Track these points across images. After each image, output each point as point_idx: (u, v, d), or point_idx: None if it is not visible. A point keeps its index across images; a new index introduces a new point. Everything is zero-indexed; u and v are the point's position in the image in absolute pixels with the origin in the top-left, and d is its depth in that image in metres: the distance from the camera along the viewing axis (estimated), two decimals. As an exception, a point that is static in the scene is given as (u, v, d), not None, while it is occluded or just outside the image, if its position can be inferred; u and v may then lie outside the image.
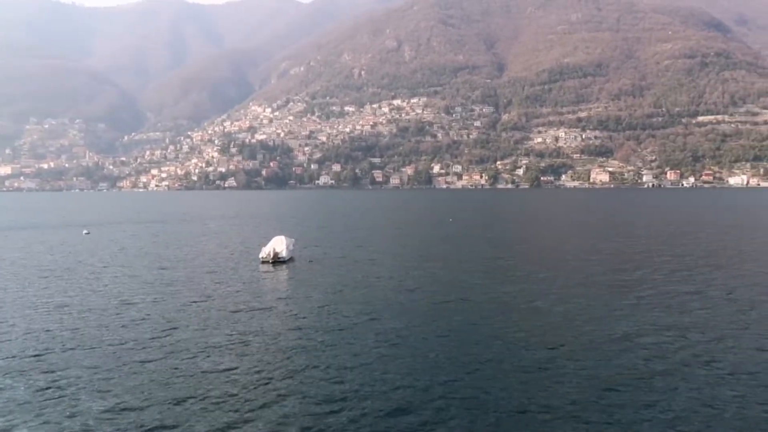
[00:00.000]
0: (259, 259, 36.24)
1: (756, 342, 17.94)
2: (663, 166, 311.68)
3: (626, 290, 26.02)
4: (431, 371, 15.47)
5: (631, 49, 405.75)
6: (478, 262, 35.13)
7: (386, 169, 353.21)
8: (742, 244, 45.51)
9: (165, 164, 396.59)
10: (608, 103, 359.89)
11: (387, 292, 25.72)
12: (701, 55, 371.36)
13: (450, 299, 24.15)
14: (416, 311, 22.09)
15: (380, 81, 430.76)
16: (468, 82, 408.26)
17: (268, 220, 78.05)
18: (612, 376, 15.08)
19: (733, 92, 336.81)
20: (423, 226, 67.32)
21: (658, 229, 59.75)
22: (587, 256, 38.25)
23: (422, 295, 25.06)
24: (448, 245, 45.23)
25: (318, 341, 18.24)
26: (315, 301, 24.12)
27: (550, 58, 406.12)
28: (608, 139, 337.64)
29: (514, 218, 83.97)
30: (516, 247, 45.02)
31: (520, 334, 18.93)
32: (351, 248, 42.93)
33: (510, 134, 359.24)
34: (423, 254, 39.37)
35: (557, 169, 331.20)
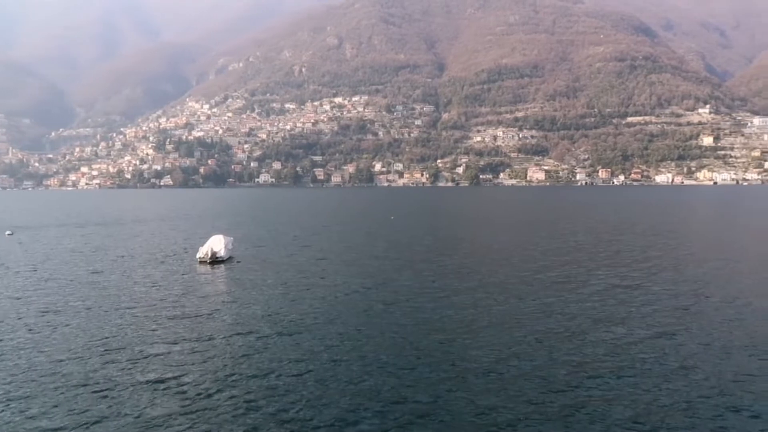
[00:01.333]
0: (197, 259, 35.05)
1: (701, 335, 18.50)
2: (595, 164, 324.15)
3: (568, 286, 26.53)
4: (379, 376, 15.18)
5: (565, 51, 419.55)
6: (421, 260, 35.15)
7: (328, 167, 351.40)
8: (675, 239, 47.60)
9: (96, 162, 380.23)
10: (544, 104, 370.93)
11: (330, 293, 25.27)
12: (630, 59, 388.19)
13: (394, 300, 23.95)
14: (361, 313, 21.75)
15: (321, 78, 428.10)
16: (409, 81, 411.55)
17: (207, 219, 75.86)
18: (562, 374, 15.19)
19: (660, 94, 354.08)
20: (365, 224, 67.07)
21: (595, 226, 61.76)
22: (527, 252, 38.97)
23: (366, 296, 24.76)
24: (390, 243, 45.14)
25: (259, 347, 17.62)
26: (255, 303, 23.38)
27: (488, 58, 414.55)
28: (544, 139, 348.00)
29: (455, 215, 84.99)
30: (458, 244, 45.43)
31: (467, 334, 18.91)
32: (292, 247, 42.16)
33: (450, 133, 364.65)
34: (366, 253, 39.10)
35: (496, 167, 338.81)
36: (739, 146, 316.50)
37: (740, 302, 23.14)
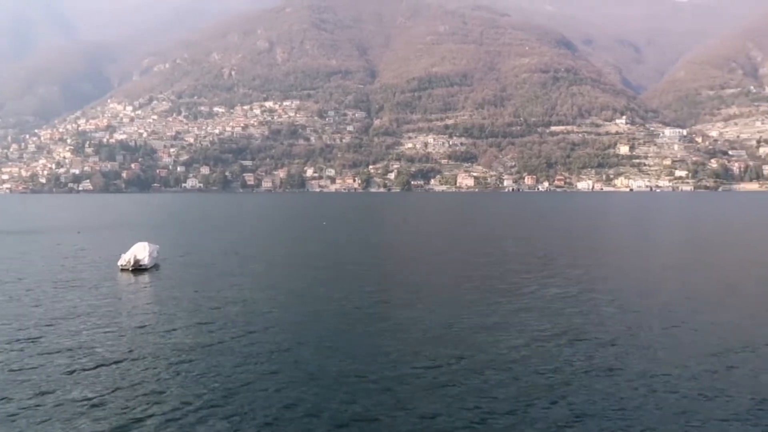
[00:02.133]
0: (118, 266, 33.13)
1: (646, 341, 18.91)
2: (521, 171, 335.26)
3: (504, 294, 26.82)
4: (314, 390, 14.60)
5: (493, 61, 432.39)
6: (353, 267, 34.74)
7: (258, 172, 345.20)
8: (603, 243, 49.49)
9: (6, 165, 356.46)
10: (473, 112, 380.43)
11: (260, 302, 24.38)
12: (553, 71, 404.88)
13: (326, 308, 23.38)
14: (292, 322, 21.05)
15: (251, 82, 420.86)
16: (341, 87, 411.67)
17: (130, 225, 72.34)
18: (507, 388, 15.11)
19: (580, 105, 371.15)
20: (297, 230, 66.04)
21: (527, 231, 63.41)
22: (460, 258, 39.35)
23: (298, 304, 24.07)
24: (322, 249, 44.50)
25: (185, 360, 16.62)
26: (181, 313, 22.15)
27: (419, 66, 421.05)
28: (473, 146, 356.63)
29: (386, 221, 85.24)
30: (389, 250, 45.36)
31: (401, 345, 18.61)
32: (221, 254, 40.73)
33: (382, 139, 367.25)
34: (297, 259, 38.30)
35: (427, 173, 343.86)
36: (652, 155, 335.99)
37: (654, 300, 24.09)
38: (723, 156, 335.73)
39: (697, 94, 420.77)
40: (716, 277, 31.56)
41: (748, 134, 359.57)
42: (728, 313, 22.19)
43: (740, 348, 17.65)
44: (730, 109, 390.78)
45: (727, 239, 55.17)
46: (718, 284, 28.92)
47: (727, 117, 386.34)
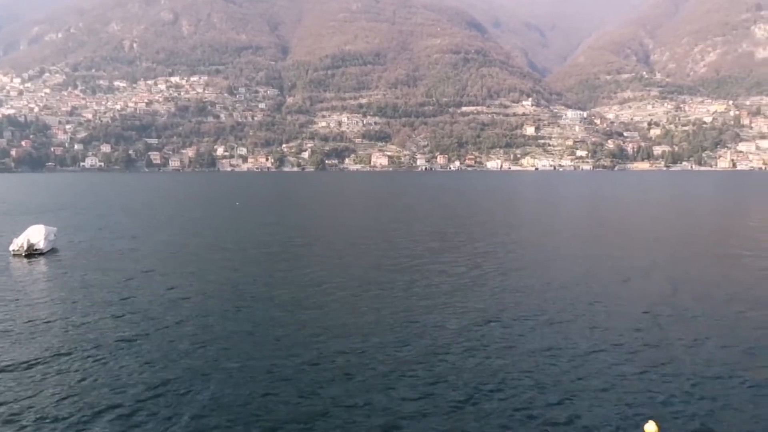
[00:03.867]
0: (9, 252, 30.56)
1: (588, 322, 19.62)
2: (434, 151, 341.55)
3: (428, 275, 27.09)
4: (236, 382, 14.10)
5: (405, 41, 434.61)
6: (268, 249, 33.98)
7: (165, 151, 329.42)
8: (517, 220, 51.24)
9: None
10: (386, 91, 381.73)
11: (167, 289, 23.28)
12: (464, 52, 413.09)
13: (239, 295, 22.70)
14: (203, 312, 20.22)
15: (155, 56, 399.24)
16: (252, 63, 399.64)
17: (22, 207, 66.88)
18: (442, 374, 15.22)
19: (490, 87, 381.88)
20: (208, 212, 63.74)
21: (449, 210, 64.58)
22: (379, 239, 39.46)
23: (208, 292, 23.19)
24: (235, 231, 43.24)
25: (89, 357, 15.55)
26: (81, 304, 20.65)
27: (332, 44, 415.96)
28: (386, 125, 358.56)
29: (302, 201, 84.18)
30: (308, 230, 44.79)
31: (322, 333, 18.38)
32: (125, 237, 38.52)
33: (295, 117, 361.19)
34: (208, 242, 36.93)
35: (341, 152, 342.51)
36: (556, 136, 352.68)
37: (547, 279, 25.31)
38: (619, 137, 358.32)
39: (596, 79, 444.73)
40: (619, 251, 33.58)
41: (640, 117, 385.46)
42: (638, 286, 23.67)
43: (657, 318, 18.89)
44: (625, 93, 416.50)
45: (628, 215, 58.99)
46: (623, 259, 30.76)
47: (622, 100, 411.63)
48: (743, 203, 77.19)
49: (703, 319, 18.98)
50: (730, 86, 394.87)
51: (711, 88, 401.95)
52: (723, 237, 41.52)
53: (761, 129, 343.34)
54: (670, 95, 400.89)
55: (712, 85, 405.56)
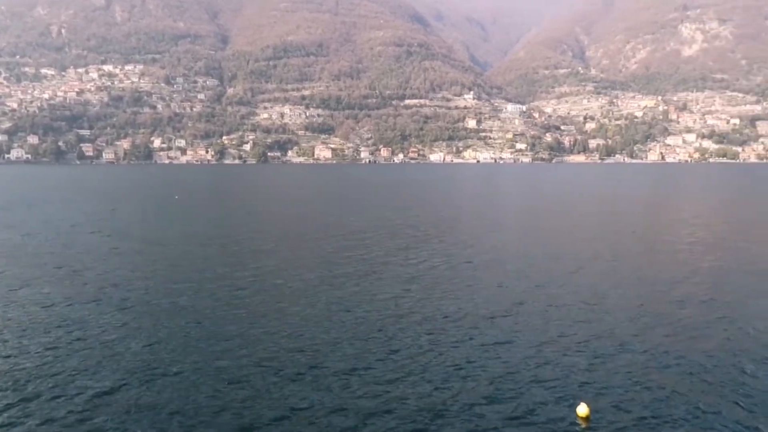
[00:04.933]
0: None
1: (527, 313, 19.75)
2: (378, 143, 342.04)
3: (378, 270, 26.85)
4: (181, 387, 13.44)
5: (348, 33, 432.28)
6: (209, 246, 32.95)
7: (98, 143, 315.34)
8: (462, 213, 51.68)
9: None
10: (329, 83, 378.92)
11: (101, 290, 22.15)
12: (407, 45, 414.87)
13: (178, 293, 21.81)
14: (136, 307, 19.33)
15: (86, 42, 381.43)
16: (190, 52, 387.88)
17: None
18: (377, 373, 14.99)
19: (432, 80, 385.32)
20: (145, 205, 61.40)
21: (401, 203, 64.50)
22: (328, 233, 38.97)
23: (145, 288, 22.21)
24: (174, 226, 41.77)
25: (18, 365, 14.50)
26: (6, 307, 19.39)
27: (274, 34, 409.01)
28: (330, 117, 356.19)
29: (245, 194, 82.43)
30: (252, 225, 43.78)
31: (269, 332, 17.89)
32: (54, 234, 36.47)
33: (236, 109, 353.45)
34: (146, 238, 35.46)
35: (283, 145, 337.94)
36: (496, 129, 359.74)
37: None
38: (556, 131, 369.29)
39: (534, 73, 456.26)
40: (563, 241, 34.35)
41: (576, 111, 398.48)
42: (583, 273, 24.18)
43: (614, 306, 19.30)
44: (562, 88, 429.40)
45: (567, 208, 60.65)
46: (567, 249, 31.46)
47: (559, 95, 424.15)
48: (672, 196, 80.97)
49: (636, 309, 19.57)
50: (659, 82, 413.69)
51: (641, 84, 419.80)
52: (655, 228, 43.29)
53: (687, 124, 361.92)
54: (604, 90, 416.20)
55: (643, 81, 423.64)
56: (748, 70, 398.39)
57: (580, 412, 11.65)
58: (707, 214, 53.58)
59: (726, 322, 18.05)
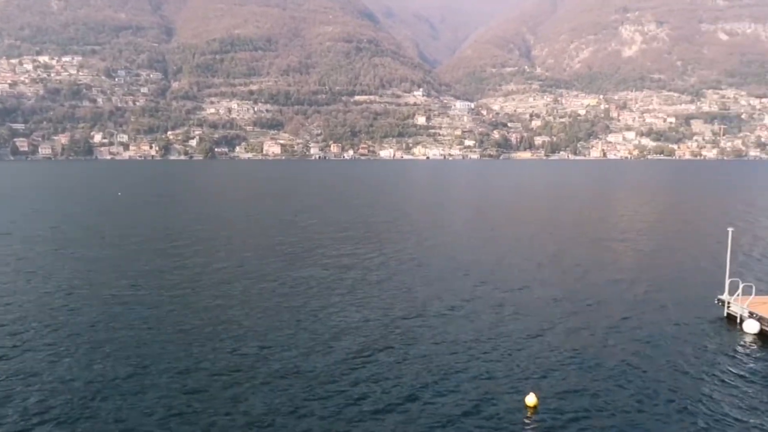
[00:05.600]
0: None
1: (474, 307, 19.84)
2: (327, 139, 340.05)
3: (328, 267, 26.63)
4: (110, 383, 12.94)
5: (297, 27, 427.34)
6: (152, 244, 31.97)
7: (33, 137, 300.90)
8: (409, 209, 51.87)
9: None
10: (278, 78, 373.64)
11: (36, 286, 21.16)
12: (356, 41, 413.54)
13: (120, 291, 21.10)
14: (79, 308, 18.57)
15: (19, 32, 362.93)
16: (132, 44, 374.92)
17: None
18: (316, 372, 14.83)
19: (382, 76, 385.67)
20: (86, 203, 59.04)
21: (361, 200, 64.12)
22: (276, 230, 38.45)
23: (84, 288, 21.36)
24: (119, 224, 40.33)
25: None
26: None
27: (220, 27, 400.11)
28: (279, 113, 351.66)
29: (192, 191, 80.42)
30: (198, 223, 42.73)
31: (218, 330, 17.47)
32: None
33: (181, 103, 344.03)
34: (86, 235, 34.10)
35: (231, 140, 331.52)
36: (445, 126, 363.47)
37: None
38: (503, 128, 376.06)
39: (482, 71, 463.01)
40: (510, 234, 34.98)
41: (523, 109, 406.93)
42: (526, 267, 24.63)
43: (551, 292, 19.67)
44: (509, 86, 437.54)
45: (516, 203, 61.87)
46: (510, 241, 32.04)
47: (506, 93, 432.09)
48: (612, 191, 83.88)
49: (581, 303, 20.13)
50: (601, 82, 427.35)
51: (585, 83, 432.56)
52: (597, 221, 44.69)
53: (627, 122, 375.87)
54: (549, 89, 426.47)
55: (586, 80, 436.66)
56: (683, 70, 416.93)
57: (529, 401, 12.00)
58: (645, 209, 55.78)
59: (663, 312, 18.81)
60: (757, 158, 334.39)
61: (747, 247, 31.33)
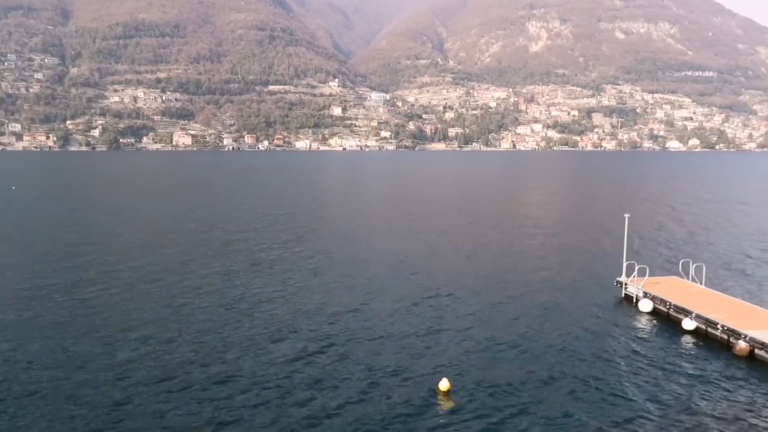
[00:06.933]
0: None
1: (386, 298, 19.75)
2: (241, 130, 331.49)
3: (239, 264, 25.93)
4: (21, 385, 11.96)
5: (207, 14, 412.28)
6: (48, 242, 29.91)
7: None
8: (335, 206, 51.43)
9: None
10: (188, 66, 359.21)
11: None
12: (270, 29, 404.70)
13: (19, 294, 19.62)
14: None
15: None
16: (23, 26, 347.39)
17: None
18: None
19: (297, 66, 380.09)
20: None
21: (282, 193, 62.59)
22: (185, 225, 37.07)
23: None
24: (10, 220, 37.40)
25: None
26: None
27: (123, 11, 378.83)
28: (189, 102, 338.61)
29: (92, 184, 75.97)
30: (100, 217, 40.40)
31: (118, 330, 16.58)
32: None
33: (81, 91, 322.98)
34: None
35: (138, 131, 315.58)
36: (361, 117, 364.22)
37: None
38: (418, 119, 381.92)
39: (397, 63, 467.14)
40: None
41: (437, 101, 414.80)
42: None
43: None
44: (423, 78, 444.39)
45: (432, 193, 62.99)
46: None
47: (421, 85, 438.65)
48: (523, 181, 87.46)
49: (490, 287, 20.81)
50: (510, 75, 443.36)
51: (495, 76, 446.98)
52: (509, 211, 46.41)
53: (535, 114, 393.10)
54: (462, 81, 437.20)
55: (496, 73, 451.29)
56: (585, 66, 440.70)
57: (442, 386, 12.33)
58: (552, 198, 58.60)
59: (569, 295, 19.84)
60: (651, 149, 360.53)
61: (642, 231, 33.67)
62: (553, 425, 10.89)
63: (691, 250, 28.58)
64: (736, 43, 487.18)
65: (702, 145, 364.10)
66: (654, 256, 26.64)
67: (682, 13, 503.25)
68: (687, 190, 68.57)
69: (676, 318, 17.31)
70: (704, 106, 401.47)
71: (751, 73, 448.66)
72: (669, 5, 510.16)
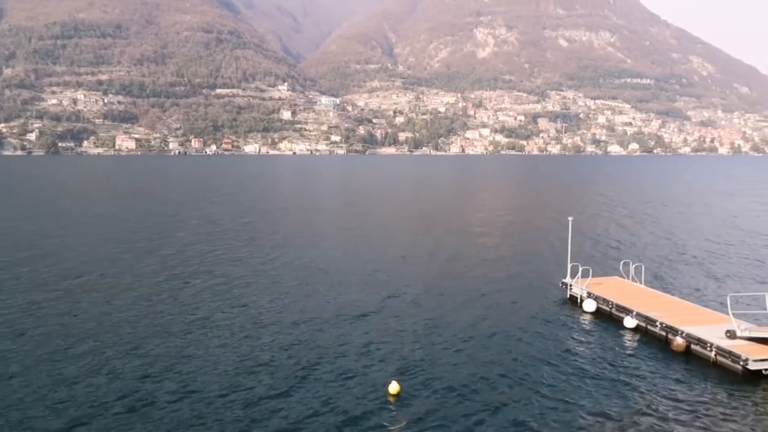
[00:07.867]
0: None
1: (337, 303, 19.51)
2: (188, 134, 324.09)
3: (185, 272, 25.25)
4: None
5: (151, 14, 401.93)
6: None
7: None
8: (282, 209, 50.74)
9: None
10: (131, 68, 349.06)
11: None
12: (217, 32, 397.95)
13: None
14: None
15: None
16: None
17: None
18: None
19: (245, 69, 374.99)
20: None
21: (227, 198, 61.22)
22: (136, 235, 35.92)
23: None
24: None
25: None
26: None
27: (61, 10, 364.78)
28: (133, 105, 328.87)
29: (26, 190, 72.74)
30: (44, 222, 38.64)
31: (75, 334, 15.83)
32: None
33: (16, 92, 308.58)
34: None
35: (78, 134, 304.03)
36: (311, 121, 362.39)
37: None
38: (368, 124, 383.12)
39: (346, 67, 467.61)
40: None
41: (387, 105, 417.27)
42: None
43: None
44: (373, 83, 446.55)
45: (384, 198, 63.09)
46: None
47: (371, 89, 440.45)
48: (472, 185, 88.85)
49: (438, 292, 20.97)
50: (458, 81, 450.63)
51: (444, 82, 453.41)
52: (458, 214, 47.01)
53: (483, 119, 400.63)
54: (411, 86, 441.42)
55: (445, 79, 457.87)
56: (530, 72, 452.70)
57: (392, 389, 12.39)
58: (500, 202, 59.74)
59: (516, 296, 20.21)
60: (593, 153, 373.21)
61: (586, 233, 34.72)
62: (497, 426, 11.04)
63: (631, 250, 29.65)
64: (670, 52, 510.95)
65: (641, 149, 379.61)
66: (597, 257, 27.50)
67: (621, 23, 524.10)
68: (627, 192, 71.29)
69: (618, 317, 17.88)
70: (642, 111, 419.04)
71: (685, 81, 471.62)
72: (609, 15, 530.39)
